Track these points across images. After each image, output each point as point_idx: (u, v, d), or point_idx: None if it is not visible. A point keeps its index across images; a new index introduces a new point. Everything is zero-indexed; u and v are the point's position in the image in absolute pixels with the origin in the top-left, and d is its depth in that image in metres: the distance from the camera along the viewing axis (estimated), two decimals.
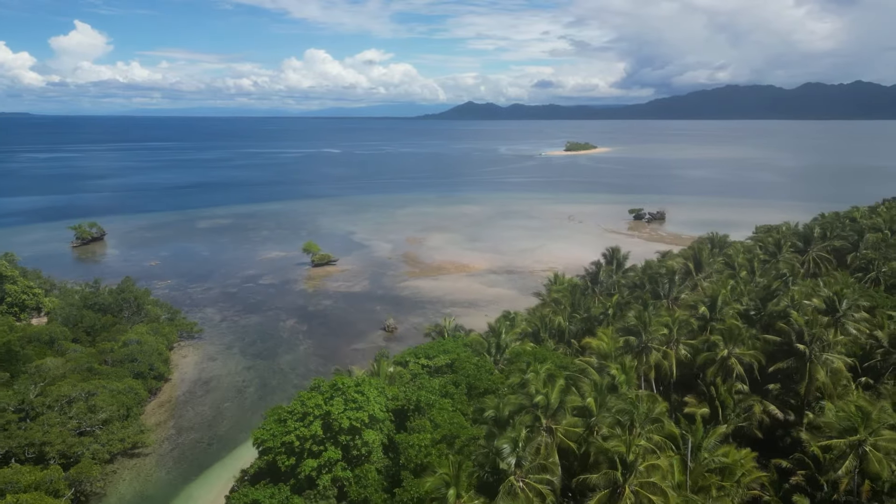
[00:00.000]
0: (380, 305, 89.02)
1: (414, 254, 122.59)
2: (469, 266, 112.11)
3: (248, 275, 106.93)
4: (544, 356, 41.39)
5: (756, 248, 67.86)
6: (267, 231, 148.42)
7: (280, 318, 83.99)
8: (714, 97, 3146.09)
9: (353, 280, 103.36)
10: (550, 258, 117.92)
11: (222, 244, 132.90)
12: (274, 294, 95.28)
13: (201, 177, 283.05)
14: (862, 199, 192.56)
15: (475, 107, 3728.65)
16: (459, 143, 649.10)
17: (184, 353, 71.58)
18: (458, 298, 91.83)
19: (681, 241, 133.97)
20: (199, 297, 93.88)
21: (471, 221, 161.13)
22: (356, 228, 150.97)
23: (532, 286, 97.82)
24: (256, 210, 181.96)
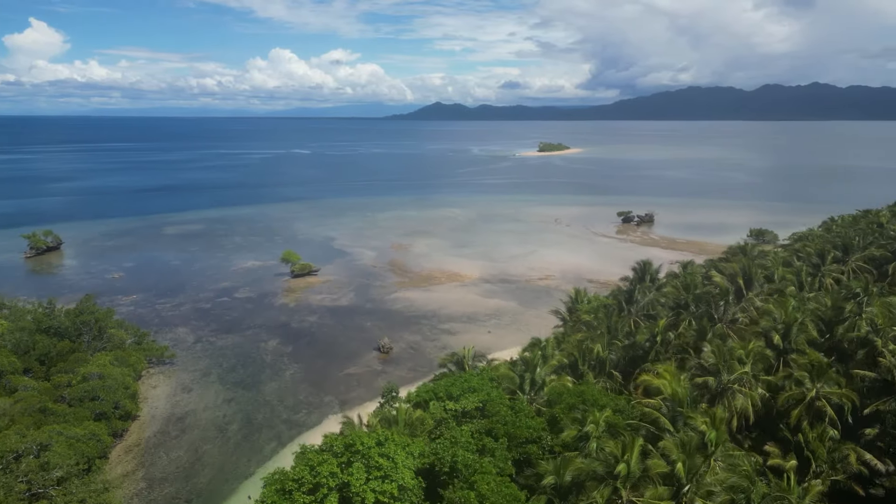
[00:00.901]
0: (370, 321, 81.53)
1: (400, 261, 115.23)
2: (461, 275, 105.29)
3: (223, 287, 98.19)
4: (595, 398, 34.88)
5: (794, 258, 62.60)
6: (239, 238, 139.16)
7: (261, 337, 75.85)
8: (677, 98, 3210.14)
9: (337, 292, 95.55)
10: (544, 265, 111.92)
11: (192, 253, 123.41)
12: (252, 310, 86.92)
13: (166, 179, 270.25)
14: (848, 200, 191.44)
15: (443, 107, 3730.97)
16: (432, 143, 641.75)
17: (154, 382, 63.10)
18: (454, 312, 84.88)
19: (675, 245, 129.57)
20: (168, 314, 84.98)
21: (455, 225, 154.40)
22: (335, 234, 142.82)
23: (531, 296, 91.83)
24: (227, 215, 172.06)
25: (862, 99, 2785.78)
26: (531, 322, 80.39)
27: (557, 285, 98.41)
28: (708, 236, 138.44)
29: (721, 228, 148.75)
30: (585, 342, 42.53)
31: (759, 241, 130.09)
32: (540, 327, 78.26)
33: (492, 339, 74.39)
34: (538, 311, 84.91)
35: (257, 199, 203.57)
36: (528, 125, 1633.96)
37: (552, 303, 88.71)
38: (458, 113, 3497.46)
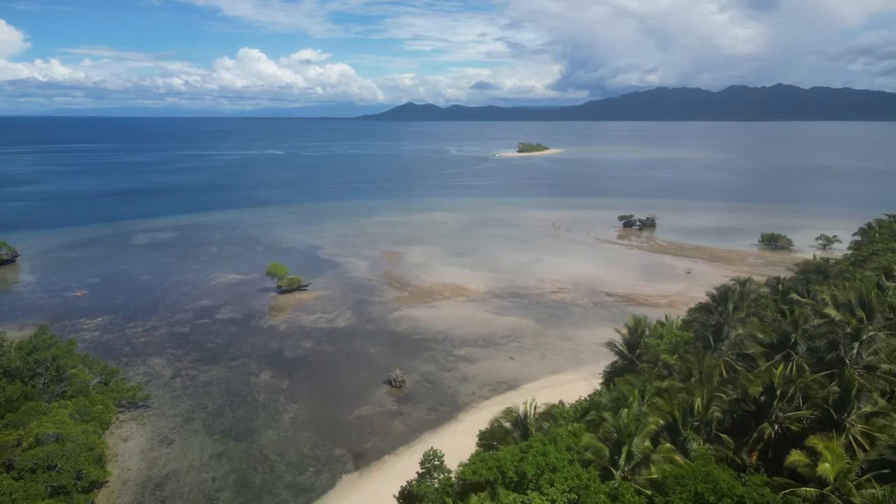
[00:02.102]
0: (374, 346, 71.76)
1: (397, 273, 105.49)
2: (466, 288, 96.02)
3: (202, 307, 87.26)
4: (730, 486, 26.09)
5: (882, 277, 54.89)
6: (216, 247, 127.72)
7: (250, 369, 65.54)
8: (646, 99, 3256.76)
9: (332, 310, 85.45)
10: (553, 275, 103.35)
11: (165, 265, 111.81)
12: (237, 334, 76.37)
13: (133, 182, 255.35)
14: (841, 201, 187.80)
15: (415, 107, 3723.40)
16: (408, 144, 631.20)
17: (125, 432, 52.52)
18: (467, 333, 75.58)
19: (684, 251, 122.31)
20: (140, 341, 73.98)
21: (447, 231, 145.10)
22: (321, 242, 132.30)
23: (548, 313, 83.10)
24: (200, 221, 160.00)
25: (824, 100, 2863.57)
26: (556, 346, 71.55)
27: (574, 299, 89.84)
28: (715, 241, 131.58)
29: (726, 232, 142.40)
30: (681, 394, 33.76)
31: (771, 246, 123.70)
32: (566, 351, 69.77)
33: (516, 368, 65.32)
34: (561, 331, 76.20)
35: (232, 204, 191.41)
36: (501, 125, 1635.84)
37: (573, 320, 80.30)
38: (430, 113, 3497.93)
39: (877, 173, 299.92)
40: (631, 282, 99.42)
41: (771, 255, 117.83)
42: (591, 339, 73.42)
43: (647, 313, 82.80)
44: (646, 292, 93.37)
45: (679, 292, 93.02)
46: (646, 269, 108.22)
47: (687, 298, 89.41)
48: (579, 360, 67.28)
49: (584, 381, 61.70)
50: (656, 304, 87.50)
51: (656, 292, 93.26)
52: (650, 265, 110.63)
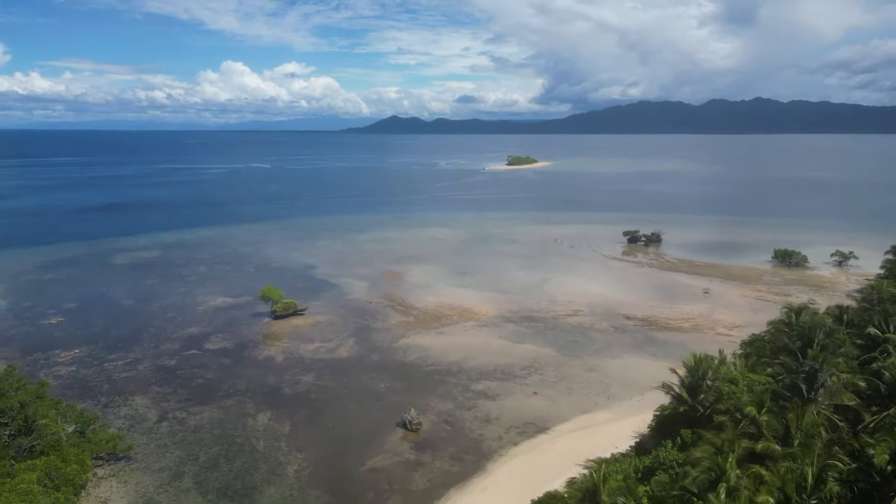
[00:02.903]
0: (382, 381, 65.09)
1: (399, 295, 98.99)
2: (474, 311, 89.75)
3: (189, 335, 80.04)
4: None
5: None
6: (204, 267, 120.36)
7: (246, 409, 58.56)
8: (628, 112, 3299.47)
9: (333, 338, 78.68)
10: (565, 296, 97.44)
11: (148, 288, 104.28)
12: (230, 367, 69.32)
13: (114, 197, 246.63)
14: (844, 215, 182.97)
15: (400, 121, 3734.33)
16: (394, 157, 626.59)
17: (104, 492, 45.35)
18: (483, 364, 69.22)
19: (697, 268, 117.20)
20: (122, 376, 66.68)
21: (447, 248, 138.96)
22: (314, 260, 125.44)
23: (567, 339, 77.13)
24: (186, 238, 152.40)
25: (803, 113, 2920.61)
26: (581, 378, 65.40)
27: (592, 323, 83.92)
28: (726, 258, 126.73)
29: (734, 248, 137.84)
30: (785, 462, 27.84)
31: (785, 263, 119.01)
32: (593, 385, 63.69)
33: (542, 405, 59.02)
34: (584, 361, 70.13)
35: (219, 220, 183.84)
36: (486, 139, 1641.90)
37: (595, 347, 74.37)
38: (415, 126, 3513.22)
39: (870, 185, 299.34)
40: (648, 303, 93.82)
41: (788, 273, 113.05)
42: (619, 369, 67.56)
43: (671, 338, 77.43)
44: (666, 315, 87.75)
45: (701, 315, 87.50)
46: (660, 288, 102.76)
47: (711, 322, 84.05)
48: (610, 394, 61.17)
49: (619, 421, 55.68)
50: (679, 328, 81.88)
51: (677, 315, 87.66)
52: (664, 284, 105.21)
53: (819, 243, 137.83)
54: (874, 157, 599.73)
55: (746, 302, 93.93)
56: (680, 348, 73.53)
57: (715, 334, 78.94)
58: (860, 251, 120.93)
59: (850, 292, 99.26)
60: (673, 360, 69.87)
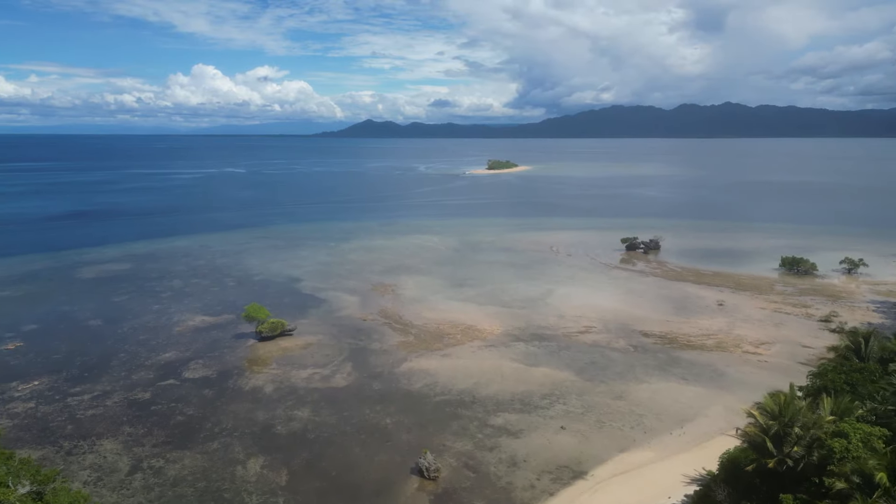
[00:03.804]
0: (388, 415, 57.64)
1: (394, 310, 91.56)
2: (478, 329, 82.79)
3: (166, 361, 71.62)
4: None
5: None
6: (179, 280, 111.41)
7: (234, 454, 50.66)
8: (601, 117, 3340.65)
9: (327, 363, 70.97)
10: (573, 310, 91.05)
11: (118, 306, 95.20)
12: (213, 400, 61.21)
13: (80, 204, 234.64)
14: (835, 219, 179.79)
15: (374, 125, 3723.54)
16: (372, 161, 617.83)
17: None
18: (498, 392, 62.22)
19: (703, 278, 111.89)
20: (88, 413, 58.18)
21: (438, 258, 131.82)
22: (299, 272, 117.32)
23: (585, 360, 70.57)
24: (158, 248, 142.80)
25: (770, 117, 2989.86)
26: (610, 408, 58.76)
27: (608, 342, 77.54)
28: (731, 266, 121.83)
29: (737, 255, 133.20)
30: None
31: (793, 271, 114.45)
32: (625, 416, 57.11)
33: (573, 443, 52.19)
34: (609, 387, 63.57)
35: (193, 228, 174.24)
36: (461, 143, 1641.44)
37: (617, 370, 67.91)
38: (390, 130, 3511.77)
39: (854, 189, 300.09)
40: (662, 317, 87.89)
41: (799, 282, 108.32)
42: (648, 396, 61.14)
43: (697, 359, 71.36)
44: (684, 331, 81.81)
45: (721, 330, 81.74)
46: (671, 300, 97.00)
47: (734, 339, 78.28)
48: (645, 428, 54.60)
49: (663, 461, 49.17)
50: (702, 346, 75.91)
51: (696, 330, 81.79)
52: (675, 296, 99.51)
53: (821, 249, 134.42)
54: (848, 161, 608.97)
55: (765, 315, 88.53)
56: (708, 370, 67.71)
57: (742, 353, 73.13)
58: (868, 258, 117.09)
59: (870, 303, 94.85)
60: (703, 383, 63.94)
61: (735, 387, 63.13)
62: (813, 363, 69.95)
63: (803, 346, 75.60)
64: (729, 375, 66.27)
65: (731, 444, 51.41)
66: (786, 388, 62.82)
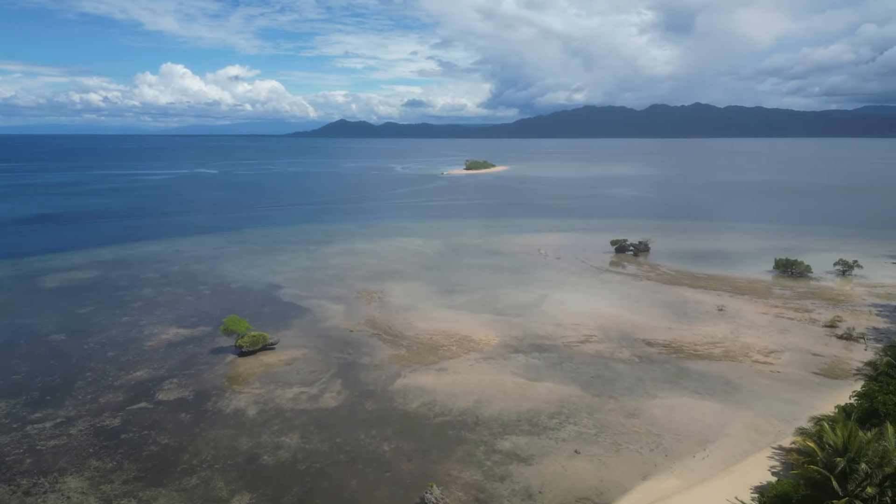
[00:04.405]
0: (386, 441, 52.63)
1: (382, 320, 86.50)
2: (473, 339, 78.24)
3: (136, 381, 65.61)
4: None
5: None
6: (150, 289, 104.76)
7: (216, 492, 45.26)
8: (574, 117, 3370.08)
9: (314, 380, 65.71)
10: (570, 317, 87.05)
11: (84, 318, 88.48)
12: (190, 426, 55.52)
13: (43, 207, 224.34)
14: (820, 219, 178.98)
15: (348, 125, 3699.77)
16: (348, 161, 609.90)
17: None
18: (502, 412, 57.68)
19: (699, 281, 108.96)
20: (49, 445, 52.13)
21: (424, 262, 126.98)
22: (278, 279, 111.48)
23: (591, 373, 66.61)
24: (128, 254, 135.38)
25: (738, 118, 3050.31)
26: (625, 427, 54.62)
27: (611, 352, 73.61)
28: (724, 268, 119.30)
29: (728, 256, 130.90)
30: None
31: (787, 273, 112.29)
32: (641, 436, 53.09)
33: (591, 470, 47.88)
34: (619, 403, 59.49)
35: (165, 232, 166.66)
36: (436, 143, 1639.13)
37: (625, 384, 63.95)
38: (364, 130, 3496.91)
39: (833, 189, 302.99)
40: (663, 324, 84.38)
41: (795, 285, 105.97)
42: (663, 413, 57.18)
43: (706, 370, 67.78)
44: (688, 338, 78.32)
45: (726, 338, 78.45)
46: (670, 306, 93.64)
47: (741, 347, 74.99)
48: (666, 450, 50.56)
49: (691, 489, 45.18)
50: (710, 355, 72.41)
51: (701, 338, 78.35)
52: (672, 301, 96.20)
53: (810, 250, 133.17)
54: (821, 161, 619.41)
55: (768, 321, 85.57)
56: (721, 383, 64.10)
57: (752, 363, 69.78)
58: (859, 258, 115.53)
59: (871, 306, 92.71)
60: (718, 397, 60.33)
61: (752, 401, 59.58)
62: (826, 373, 67.04)
63: (813, 354, 72.61)
64: (743, 388, 62.72)
65: (760, 469, 47.72)
66: (803, 402, 59.56)
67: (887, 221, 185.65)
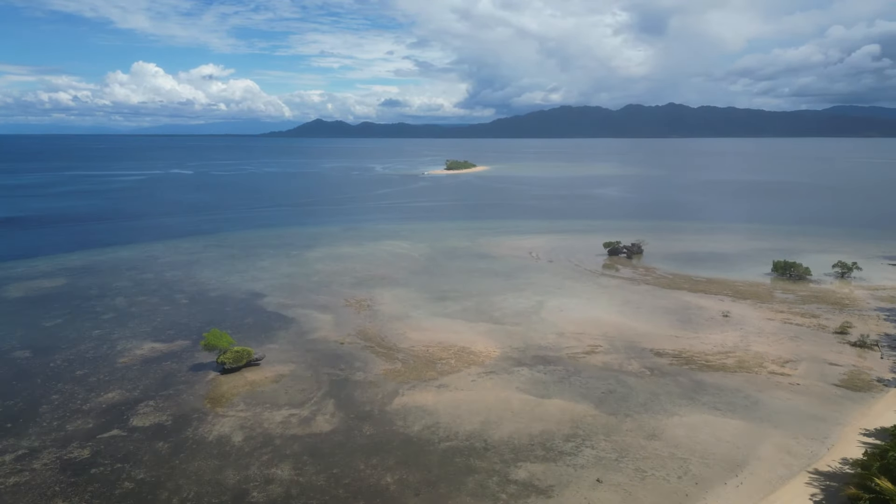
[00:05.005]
0: (387, 470, 47.69)
1: (374, 331, 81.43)
2: (472, 351, 73.64)
3: (108, 404, 59.72)
4: None
5: None
6: (123, 299, 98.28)
7: None
8: (550, 117, 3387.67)
9: (304, 400, 60.47)
10: (571, 325, 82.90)
11: (50, 332, 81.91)
12: (168, 457, 49.97)
13: (8, 210, 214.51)
14: (808, 219, 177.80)
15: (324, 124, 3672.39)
16: (327, 161, 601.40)
17: None
18: (512, 435, 53.11)
19: (698, 285, 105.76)
20: (8, 481, 46.26)
21: (413, 266, 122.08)
22: (260, 286, 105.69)
23: (602, 388, 62.50)
24: (98, 261, 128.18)
25: (711, 118, 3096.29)
26: (646, 451, 50.39)
27: (619, 364, 69.54)
28: (720, 270, 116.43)
29: (724, 259, 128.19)
30: None
31: (786, 276, 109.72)
32: (666, 460, 48.99)
33: (619, 501, 43.53)
34: (637, 422, 55.29)
35: (138, 236, 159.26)
36: (414, 142, 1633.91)
37: (640, 400, 59.86)
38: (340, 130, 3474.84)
39: (816, 188, 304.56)
40: (668, 331, 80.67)
41: (796, 288, 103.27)
42: (685, 434, 53.12)
43: (723, 383, 63.95)
44: (697, 348, 74.65)
45: (737, 346, 74.93)
46: (673, 312, 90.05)
47: (755, 357, 71.46)
48: (695, 477, 46.45)
49: None
50: (723, 366, 68.73)
51: (710, 347, 74.72)
52: (674, 307, 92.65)
53: (805, 251, 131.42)
54: (798, 161, 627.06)
55: (776, 327, 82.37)
56: (740, 397, 60.34)
57: (769, 374, 66.22)
58: (855, 260, 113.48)
59: (878, 311, 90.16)
60: (740, 414, 56.52)
61: (776, 418, 55.87)
62: (847, 385, 63.81)
63: (829, 363, 69.38)
64: (765, 403, 59.01)
65: (801, 498, 43.95)
66: (829, 418, 55.98)
67: (875, 221, 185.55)
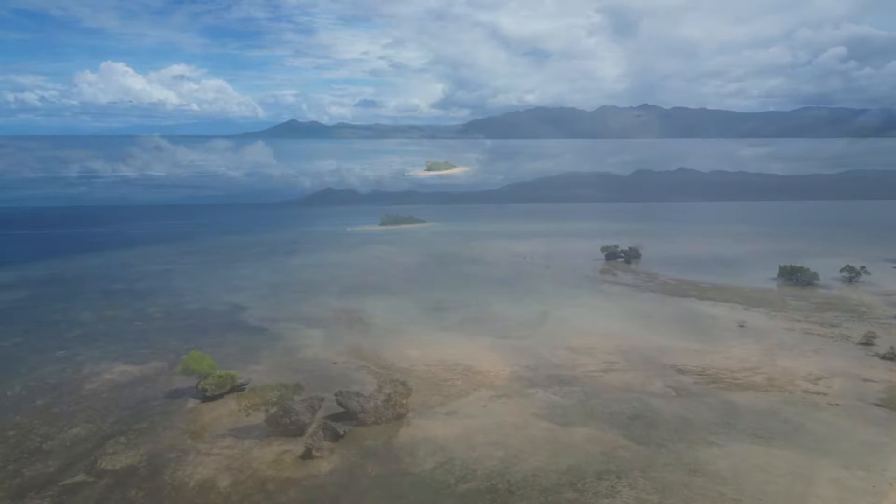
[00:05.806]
0: None
1: (369, 348, 74.86)
2: (480, 371, 67.51)
3: (72, 441, 52.20)
4: None
5: None
6: (90, 313, 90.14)
7: None
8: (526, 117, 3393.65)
9: (297, 435, 53.60)
10: (580, 338, 77.35)
11: (7, 353, 73.72)
12: None
13: None
14: (799, 220, 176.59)
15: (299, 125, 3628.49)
16: (306, 162, 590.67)
17: None
18: (538, 471, 47.06)
19: (706, 292, 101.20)
20: None
21: (403, 273, 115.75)
22: (242, 298, 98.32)
23: (626, 412, 56.80)
24: (62, 271, 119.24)
25: (683, 118, 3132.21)
26: (692, 489, 44.69)
27: (641, 383, 64.00)
28: (726, 276, 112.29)
29: (727, 263, 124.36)
30: None
31: (793, 281, 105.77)
32: (714, 501, 43.09)
33: None
34: (675, 454, 49.60)
35: (107, 242, 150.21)
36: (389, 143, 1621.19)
37: (671, 427, 54.27)
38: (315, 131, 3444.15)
39: (799, 187, 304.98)
40: (685, 344, 75.58)
41: (807, 294, 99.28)
42: (730, 468, 47.49)
43: (757, 405, 58.31)
44: (719, 363, 69.55)
45: (762, 361, 69.99)
46: (683, 321, 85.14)
47: (784, 373, 66.46)
48: None
49: None
50: (752, 385, 63.60)
51: (734, 362, 69.67)
52: (685, 316, 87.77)
53: (806, 254, 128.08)
54: (778, 161, 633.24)
55: (797, 339, 77.83)
56: (780, 421, 55.06)
57: (803, 393, 61.24)
58: (861, 264, 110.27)
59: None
60: (784, 442, 51.16)
61: (823, 445, 50.65)
62: (888, 404, 59.03)
63: (863, 379, 64.72)
64: (806, 428, 53.81)
65: None
66: (880, 444, 50.67)
67: (869, 221, 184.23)
